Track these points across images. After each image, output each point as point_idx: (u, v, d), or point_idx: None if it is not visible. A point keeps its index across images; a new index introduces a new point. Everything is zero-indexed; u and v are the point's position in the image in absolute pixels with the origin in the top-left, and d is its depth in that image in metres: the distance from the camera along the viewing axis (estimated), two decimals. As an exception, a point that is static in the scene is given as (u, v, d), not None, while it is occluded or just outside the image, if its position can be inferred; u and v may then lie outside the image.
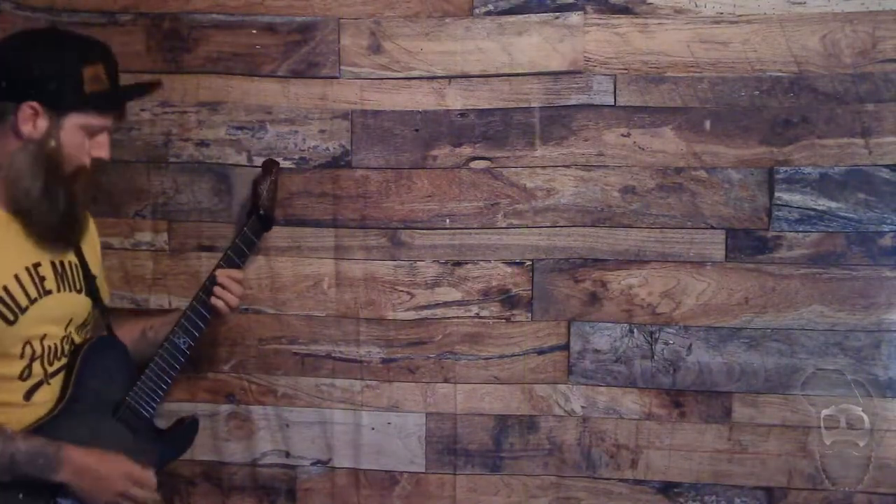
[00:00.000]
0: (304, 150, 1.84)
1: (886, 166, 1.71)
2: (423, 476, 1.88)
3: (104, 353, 1.56)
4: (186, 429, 1.77)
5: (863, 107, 1.71)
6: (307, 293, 1.86)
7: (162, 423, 1.73)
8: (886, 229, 1.73)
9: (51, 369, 1.47)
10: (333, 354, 1.87)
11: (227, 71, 1.83)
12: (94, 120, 1.46)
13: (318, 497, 1.90)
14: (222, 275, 1.67)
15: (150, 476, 1.50)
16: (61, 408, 1.46)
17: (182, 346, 1.63)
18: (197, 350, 1.86)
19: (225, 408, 1.90)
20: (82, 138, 1.45)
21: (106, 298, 1.70)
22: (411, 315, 1.85)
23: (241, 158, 1.85)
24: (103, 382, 1.54)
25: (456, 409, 1.86)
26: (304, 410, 1.89)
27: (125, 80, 1.54)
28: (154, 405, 1.59)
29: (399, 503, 1.89)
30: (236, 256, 1.71)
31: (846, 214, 1.73)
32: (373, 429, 1.88)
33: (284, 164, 1.84)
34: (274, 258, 1.86)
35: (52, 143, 1.41)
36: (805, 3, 1.71)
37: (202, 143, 1.85)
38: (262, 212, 1.74)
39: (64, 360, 1.50)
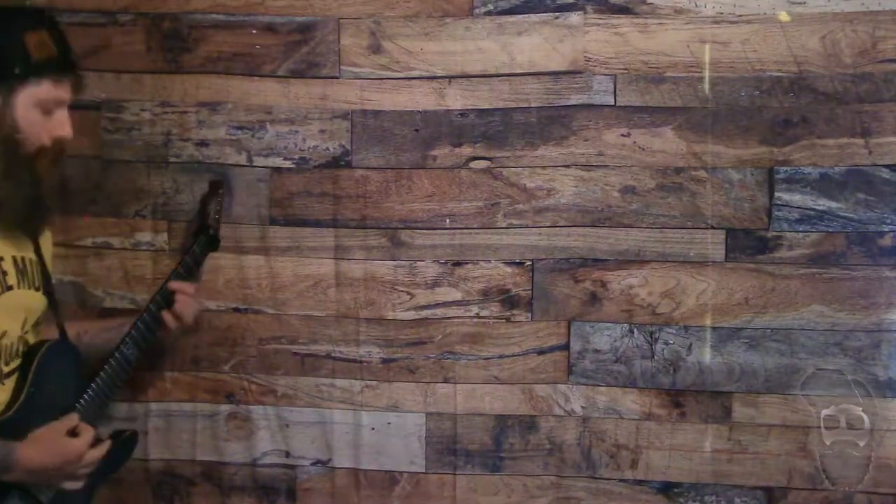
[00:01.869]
0: (304, 150, 1.84)
1: (886, 166, 1.71)
2: (423, 476, 1.88)
3: (60, 357, 1.53)
4: (124, 443, 1.72)
5: (863, 107, 1.71)
6: (307, 293, 1.86)
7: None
8: (886, 229, 1.72)
9: (6, 370, 1.43)
10: (333, 354, 1.87)
11: (227, 71, 1.83)
12: (47, 92, 1.38)
13: (318, 497, 1.90)
14: (177, 287, 1.66)
15: (84, 444, 1.47)
16: (16, 409, 1.42)
17: (130, 358, 1.62)
18: (197, 350, 1.87)
19: (225, 408, 1.90)
20: (39, 116, 1.38)
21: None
22: (411, 315, 1.85)
23: (241, 158, 1.85)
24: (57, 387, 1.51)
25: (456, 409, 1.86)
26: (304, 410, 1.89)
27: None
28: (98, 415, 1.57)
29: (399, 503, 1.89)
30: (186, 274, 1.70)
31: (846, 214, 1.73)
32: (373, 429, 1.88)
33: (284, 164, 1.84)
34: (274, 258, 1.86)
35: (7, 124, 1.35)
36: (805, 3, 1.71)
37: (202, 143, 1.85)
38: (211, 231, 1.74)
39: (18, 361, 1.46)
